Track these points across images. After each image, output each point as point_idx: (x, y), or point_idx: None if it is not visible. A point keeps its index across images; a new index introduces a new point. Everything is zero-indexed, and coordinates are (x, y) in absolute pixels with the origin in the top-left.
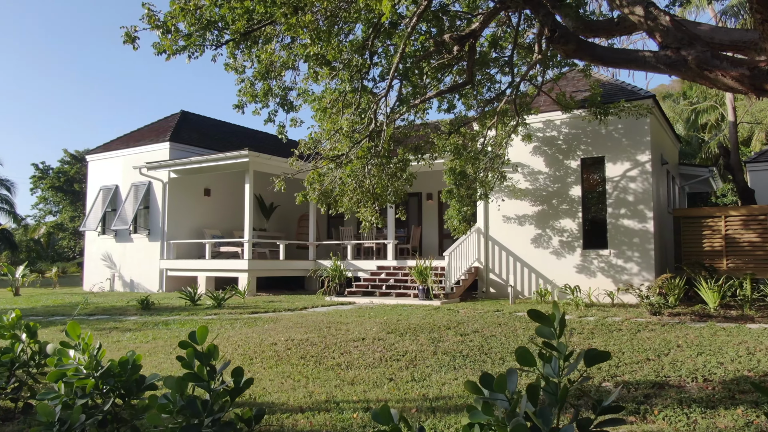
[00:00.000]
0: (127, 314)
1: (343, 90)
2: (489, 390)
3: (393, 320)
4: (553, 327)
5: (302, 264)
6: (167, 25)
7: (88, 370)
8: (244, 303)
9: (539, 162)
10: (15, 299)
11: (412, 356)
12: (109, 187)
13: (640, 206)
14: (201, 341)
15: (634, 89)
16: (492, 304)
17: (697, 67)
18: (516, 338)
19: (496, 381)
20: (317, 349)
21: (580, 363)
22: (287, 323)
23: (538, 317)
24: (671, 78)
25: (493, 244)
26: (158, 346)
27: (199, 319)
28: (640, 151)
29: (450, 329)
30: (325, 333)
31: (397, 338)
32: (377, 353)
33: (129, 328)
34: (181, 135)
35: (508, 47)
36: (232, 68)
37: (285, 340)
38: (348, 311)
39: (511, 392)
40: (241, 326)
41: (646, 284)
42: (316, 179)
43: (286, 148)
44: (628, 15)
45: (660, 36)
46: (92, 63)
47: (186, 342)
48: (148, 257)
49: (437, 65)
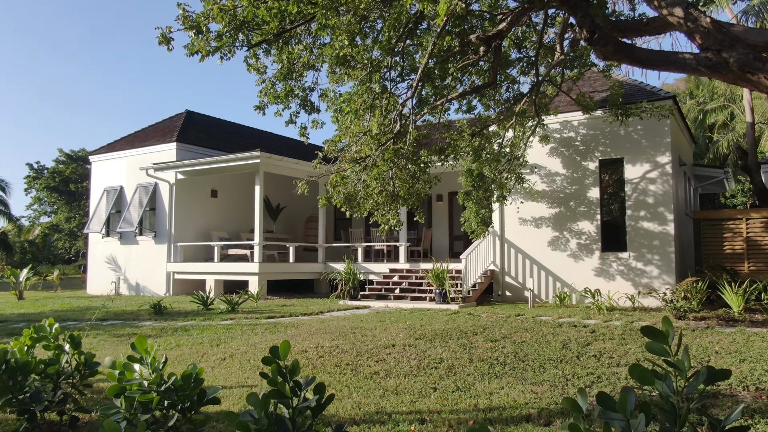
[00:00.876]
0: (140, 319)
1: (373, 91)
2: (608, 409)
3: (416, 325)
4: (667, 344)
5: (312, 267)
6: (200, 26)
7: (152, 385)
8: (258, 307)
9: (556, 163)
10: (20, 303)
11: (448, 364)
12: (114, 189)
13: (660, 208)
14: (284, 356)
15: (653, 89)
16: (511, 308)
17: (739, 69)
18: (548, 344)
19: (619, 402)
20: (350, 357)
21: (698, 382)
22: (310, 329)
23: (652, 333)
24: (676, 77)
25: (508, 247)
26: (184, 354)
27: (217, 325)
28: (660, 153)
29: (477, 335)
30: (353, 339)
31: (427, 344)
32: (412, 361)
33: (148, 335)
34: (187, 135)
35: (527, 47)
36: (254, 68)
37: (315, 347)
38: (366, 316)
39: (629, 412)
40: (263, 332)
41: (667, 288)
42: (339, 182)
43: (293, 148)
44: (667, 16)
45: (700, 38)
46: (89, 61)
47: (269, 358)
48: (154, 260)
49: (460, 66)
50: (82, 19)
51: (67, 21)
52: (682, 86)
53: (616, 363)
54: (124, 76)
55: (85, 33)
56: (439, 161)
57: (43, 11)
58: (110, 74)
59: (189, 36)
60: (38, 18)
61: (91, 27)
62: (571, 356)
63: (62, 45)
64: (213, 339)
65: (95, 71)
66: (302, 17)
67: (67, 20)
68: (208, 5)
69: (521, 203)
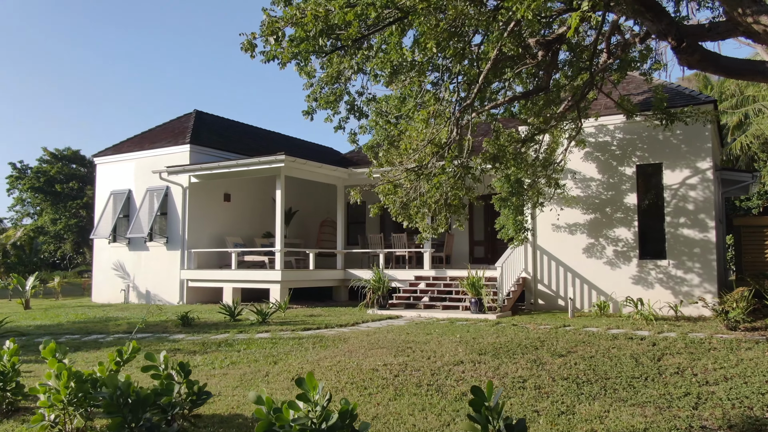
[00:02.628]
0: (169, 332)
1: (438, 98)
2: None
3: (468, 338)
4: None
5: (331, 274)
6: (279, 32)
7: (314, 422)
8: (285, 318)
9: (591, 168)
10: (30, 314)
11: (533, 383)
12: (122, 192)
13: (701, 215)
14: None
15: (691, 93)
16: (550, 317)
17: None
18: (618, 360)
19: None
20: (426, 376)
21: None
22: (360, 343)
23: None
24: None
25: (541, 254)
26: (246, 373)
27: (257, 338)
28: (700, 158)
29: (539, 349)
30: (414, 355)
31: (495, 360)
32: (493, 380)
33: (191, 350)
34: (200, 137)
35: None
36: (305, 72)
37: (383, 365)
38: (406, 327)
39: None
40: (313, 347)
41: (709, 296)
42: (391, 190)
43: (304, 150)
44: (752, 24)
45: None
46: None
47: (476, 401)
48: (166, 267)
49: (517, 71)
50: (64, 20)
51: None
52: (687, 86)
53: (703, 381)
54: (112, 70)
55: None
56: (493, 169)
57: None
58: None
59: (268, 42)
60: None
61: (71, 28)
62: (652, 373)
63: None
64: (265, 355)
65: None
66: (381, 22)
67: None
68: (292, 11)
69: (561, 210)
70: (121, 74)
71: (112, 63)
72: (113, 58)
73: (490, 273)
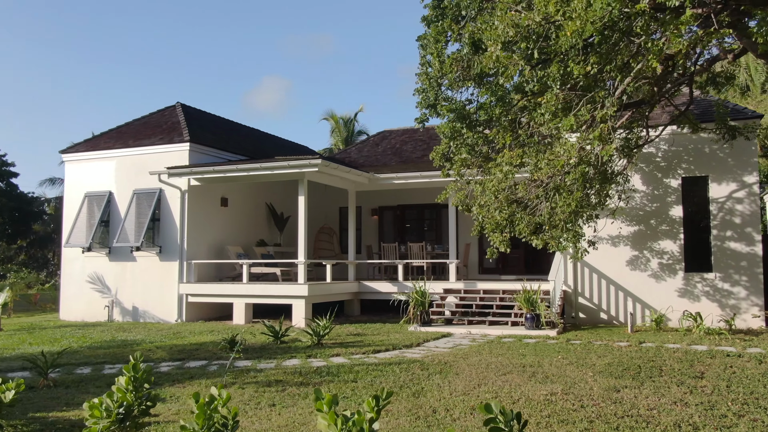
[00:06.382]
0: (223, 358)
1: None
2: None
3: (572, 359)
4: None
5: (346, 286)
6: None
7: None
8: (331, 338)
9: (635, 179)
10: (9, 337)
11: (719, 413)
12: (100, 195)
13: (748, 229)
14: None
15: (736, 107)
16: (608, 333)
17: None
18: (749, 381)
19: None
20: (601, 409)
21: None
22: (469, 369)
23: None
24: None
25: (582, 266)
26: (412, 410)
27: (337, 363)
28: (747, 172)
29: (665, 371)
30: (546, 381)
31: (643, 385)
32: (682, 408)
33: (297, 382)
34: (197, 135)
35: None
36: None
37: (550, 395)
38: (478, 347)
39: None
40: (427, 378)
41: (756, 309)
42: (492, 202)
43: (282, 150)
44: None
45: None
46: None
47: None
48: (159, 280)
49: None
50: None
51: None
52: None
53: None
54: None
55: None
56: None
57: None
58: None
59: None
60: None
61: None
62: None
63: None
64: (380, 389)
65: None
66: None
67: None
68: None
69: (611, 222)
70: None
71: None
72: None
73: (541, 286)
